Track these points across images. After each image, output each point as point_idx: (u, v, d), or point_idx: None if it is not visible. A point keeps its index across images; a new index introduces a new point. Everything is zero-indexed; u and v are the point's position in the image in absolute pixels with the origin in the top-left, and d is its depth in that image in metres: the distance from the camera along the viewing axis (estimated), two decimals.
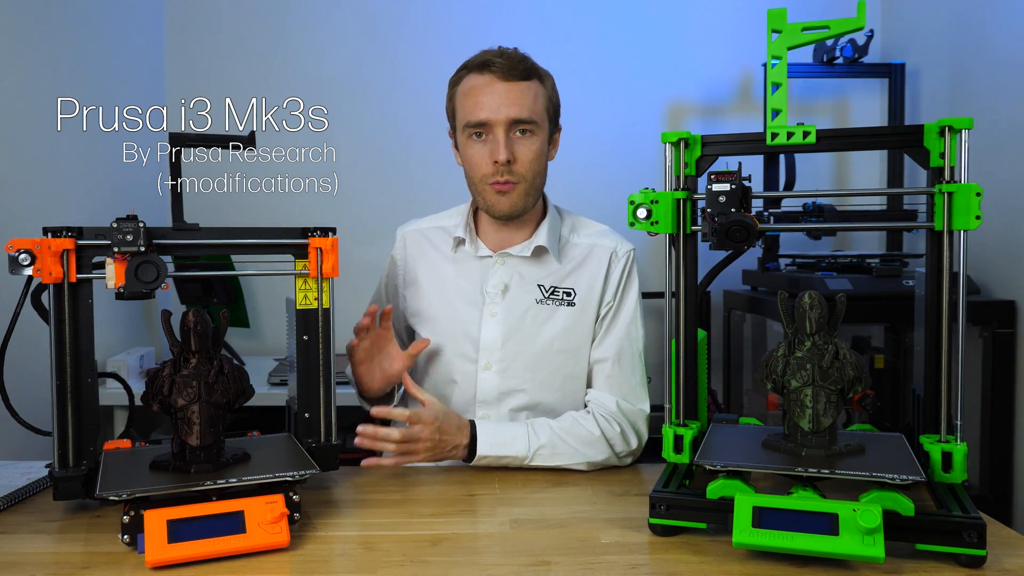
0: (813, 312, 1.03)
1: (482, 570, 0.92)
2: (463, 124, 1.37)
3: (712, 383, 2.74)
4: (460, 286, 1.45)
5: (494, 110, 1.33)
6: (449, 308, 1.45)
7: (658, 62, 2.94)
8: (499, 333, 1.41)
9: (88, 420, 1.08)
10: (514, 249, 1.43)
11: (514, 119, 1.34)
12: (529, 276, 1.43)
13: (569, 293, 1.43)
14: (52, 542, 1.01)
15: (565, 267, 1.44)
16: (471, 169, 1.39)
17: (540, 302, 1.42)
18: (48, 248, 1.02)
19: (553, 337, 1.41)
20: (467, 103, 1.37)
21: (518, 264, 1.44)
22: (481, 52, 1.38)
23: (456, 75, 1.41)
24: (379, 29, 2.91)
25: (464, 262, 1.46)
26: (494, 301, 1.42)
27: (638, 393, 1.43)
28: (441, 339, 1.44)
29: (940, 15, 2.62)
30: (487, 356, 1.41)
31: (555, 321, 1.42)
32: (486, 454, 1.29)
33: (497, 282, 1.43)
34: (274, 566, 0.93)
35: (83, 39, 2.29)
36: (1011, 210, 2.18)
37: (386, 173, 2.90)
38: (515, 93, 1.34)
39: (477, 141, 1.37)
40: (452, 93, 1.42)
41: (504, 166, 1.34)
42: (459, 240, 1.45)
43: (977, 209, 0.99)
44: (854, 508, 0.89)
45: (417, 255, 1.50)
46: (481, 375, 1.42)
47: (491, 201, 1.38)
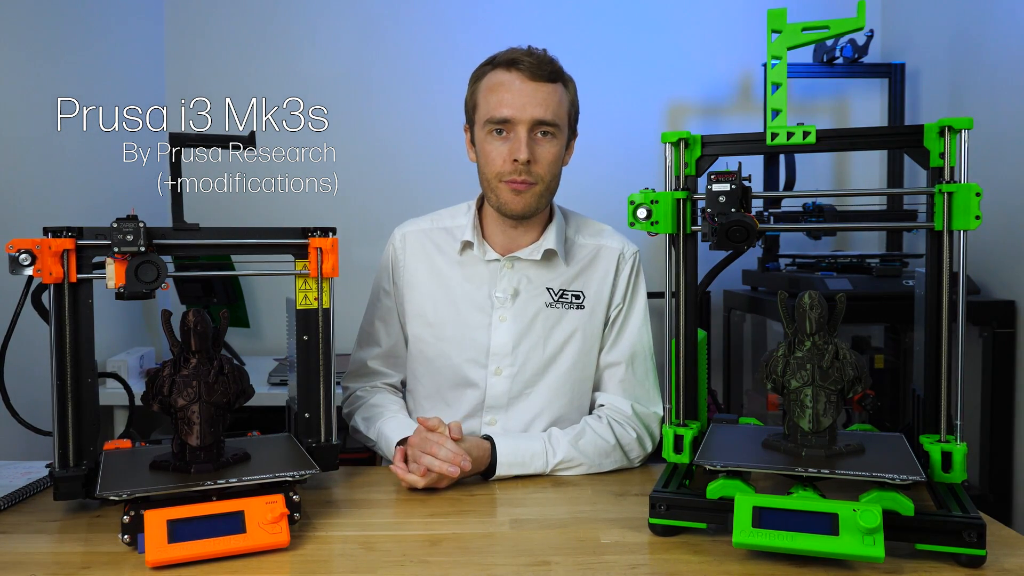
0: (813, 312, 1.03)
1: (482, 570, 0.92)
2: (484, 119, 1.35)
3: (712, 383, 2.74)
4: (467, 291, 1.42)
5: (518, 108, 1.32)
6: (456, 313, 1.42)
7: (658, 62, 2.93)
8: (509, 338, 1.40)
9: (88, 420, 1.08)
10: (523, 253, 1.41)
11: (538, 119, 1.32)
12: (537, 279, 1.42)
13: (578, 296, 1.42)
14: (52, 542, 1.01)
15: (572, 269, 1.44)
16: (488, 165, 1.36)
17: (550, 306, 1.41)
18: (48, 248, 1.02)
19: (564, 341, 1.41)
20: (491, 99, 1.34)
21: (526, 267, 1.42)
22: (509, 49, 1.36)
23: (480, 69, 1.40)
24: (379, 29, 2.91)
25: (471, 266, 1.43)
26: (504, 306, 1.40)
27: (652, 396, 1.43)
28: (447, 344, 1.42)
29: (940, 15, 2.62)
30: (497, 361, 1.40)
31: (565, 324, 1.41)
32: (505, 474, 1.27)
33: (507, 287, 1.41)
34: (274, 566, 0.94)
35: (83, 39, 2.29)
36: (1011, 210, 2.18)
37: (386, 173, 2.90)
38: (541, 94, 1.33)
39: (497, 138, 1.35)
40: (475, 87, 1.40)
41: (523, 166, 1.32)
42: (466, 243, 1.42)
43: (977, 209, 0.99)
44: (854, 508, 0.89)
45: (419, 256, 1.46)
46: (491, 380, 1.40)
47: (505, 199, 1.36)
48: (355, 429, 1.45)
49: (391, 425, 1.35)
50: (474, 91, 1.40)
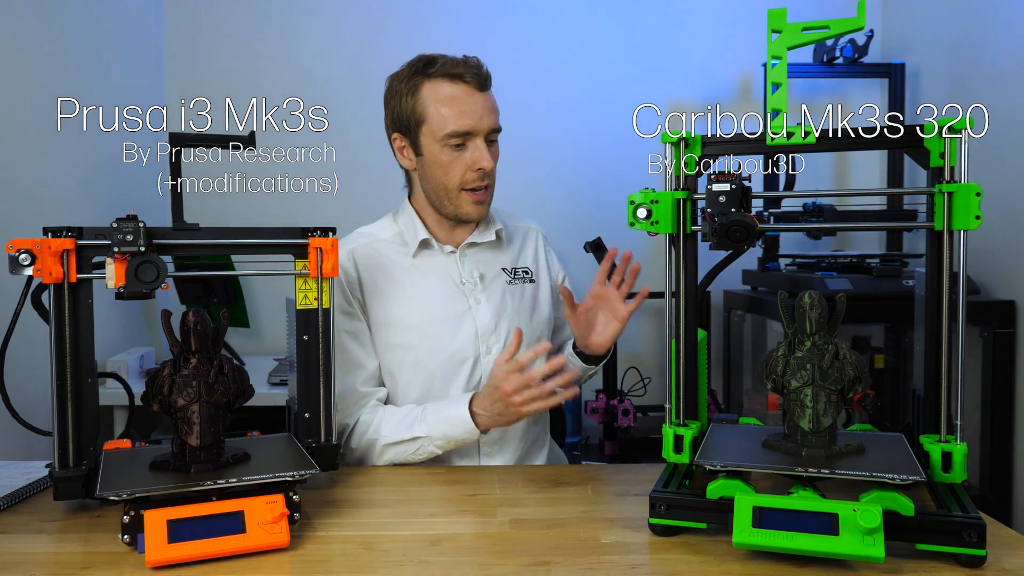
0: (813, 312, 1.03)
1: (482, 570, 0.92)
2: (442, 133, 1.39)
3: (712, 383, 2.74)
4: (435, 285, 1.47)
5: (477, 119, 1.39)
6: (429, 309, 1.45)
7: (658, 62, 2.94)
8: (490, 316, 1.48)
9: (88, 420, 1.08)
10: (475, 237, 1.51)
11: (492, 127, 1.42)
12: (492, 262, 1.53)
13: (527, 271, 1.58)
14: (52, 542, 1.01)
15: (513, 250, 1.58)
16: (447, 176, 1.42)
17: (510, 283, 1.53)
18: (48, 248, 1.02)
19: (530, 312, 1.54)
20: (446, 111, 1.38)
21: (479, 252, 1.53)
22: (441, 59, 1.40)
23: (412, 79, 1.40)
24: (379, 29, 2.91)
25: (427, 263, 1.49)
26: (476, 289, 1.49)
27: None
28: (435, 341, 1.44)
29: (940, 15, 2.62)
30: (485, 341, 1.47)
31: (526, 298, 1.55)
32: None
33: (471, 272, 1.50)
34: (274, 566, 0.94)
35: (83, 39, 2.29)
36: (1011, 210, 2.18)
37: (386, 173, 2.89)
38: (490, 103, 1.42)
39: (456, 150, 1.41)
40: (415, 98, 1.40)
41: (486, 173, 1.42)
42: (424, 242, 1.48)
43: (977, 209, 0.99)
44: (854, 508, 0.89)
45: (373, 268, 1.46)
46: (484, 360, 1.46)
47: (468, 209, 1.44)
48: (384, 447, 1.37)
49: (437, 407, 1.37)
50: (416, 102, 1.40)
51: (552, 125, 2.87)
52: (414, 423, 1.36)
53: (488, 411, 1.32)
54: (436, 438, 1.34)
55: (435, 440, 1.35)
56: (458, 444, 1.36)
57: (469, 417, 1.33)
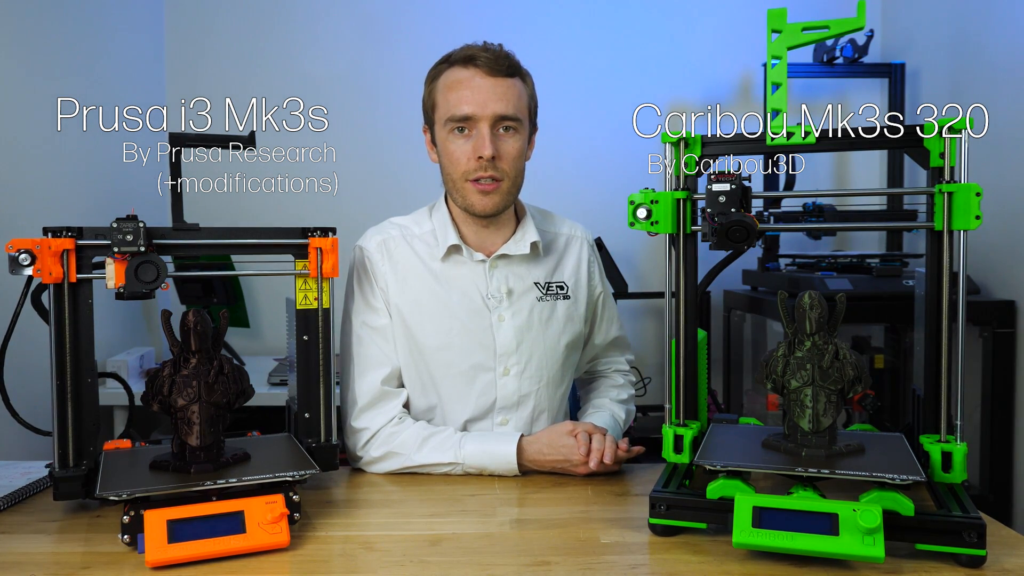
0: (813, 312, 1.03)
1: (482, 570, 0.92)
2: (445, 118, 1.34)
3: (712, 383, 2.74)
4: (461, 295, 1.38)
5: (479, 105, 1.31)
6: (449, 320, 1.37)
7: (658, 62, 2.94)
8: (512, 337, 1.39)
9: (88, 420, 1.08)
10: (509, 249, 1.40)
11: (500, 115, 1.31)
12: (524, 275, 1.42)
13: (562, 287, 1.45)
14: (52, 542, 1.01)
15: (551, 261, 1.46)
16: (452, 165, 1.35)
17: (540, 299, 1.42)
18: (48, 248, 1.02)
19: (559, 332, 1.43)
20: (450, 97, 1.33)
21: (512, 264, 1.41)
22: (464, 47, 1.35)
23: (435, 68, 1.39)
24: (379, 29, 2.91)
25: (456, 269, 1.40)
26: (500, 305, 1.39)
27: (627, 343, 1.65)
28: (453, 353, 1.37)
29: (940, 15, 2.62)
30: (504, 361, 1.38)
31: (557, 316, 1.43)
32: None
33: (499, 286, 1.39)
34: (274, 566, 0.93)
35: (83, 39, 2.29)
36: (1011, 210, 2.18)
37: (385, 173, 2.90)
38: (501, 89, 1.32)
39: (459, 136, 1.33)
40: (432, 86, 1.38)
41: (488, 162, 1.31)
42: (453, 247, 1.38)
43: (977, 209, 0.99)
44: (854, 508, 0.89)
45: (404, 263, 1.40)
46: (500, 381, 1.38)
47: (472, 200, 1.34)
48: (407, 465, 1.31)
49: (479, 439, 1.31)
50: (432, 90, 1.38)
51: (552, 125, 2.87)
52: (449, 449, 1.30)
53: (541, 465, 1.28)
54: (470, 467, 1.29)
55: (468, 468, 1.29)
56: (489, 474, 1.30)
57: (515, 458, 1.27)
